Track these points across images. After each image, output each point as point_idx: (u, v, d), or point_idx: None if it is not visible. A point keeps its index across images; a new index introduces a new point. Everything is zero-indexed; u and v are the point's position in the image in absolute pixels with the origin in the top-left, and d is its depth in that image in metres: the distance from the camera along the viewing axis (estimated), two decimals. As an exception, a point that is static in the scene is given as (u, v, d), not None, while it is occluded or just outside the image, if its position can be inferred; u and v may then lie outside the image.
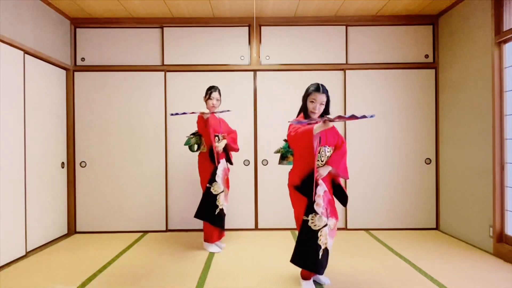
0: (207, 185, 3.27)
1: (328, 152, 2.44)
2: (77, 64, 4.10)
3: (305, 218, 2.34)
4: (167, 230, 4.11)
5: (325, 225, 2.33)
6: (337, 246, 3.33)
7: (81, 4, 3.70)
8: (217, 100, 3.35)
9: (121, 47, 4.13)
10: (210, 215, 3.24)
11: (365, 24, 4.14)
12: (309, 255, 2.31)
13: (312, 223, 2.32)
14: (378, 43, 4.14)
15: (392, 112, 4.14)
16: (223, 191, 3.31)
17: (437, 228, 4.11)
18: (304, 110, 2.49)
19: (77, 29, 4.11)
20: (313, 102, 2.41)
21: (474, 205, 3.48)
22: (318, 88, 2.41)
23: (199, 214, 3.27)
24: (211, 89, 3.34)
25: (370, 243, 3.59)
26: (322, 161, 2.42)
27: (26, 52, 3.29)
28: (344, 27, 4.13)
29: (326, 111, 2.48)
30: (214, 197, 3.26)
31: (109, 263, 3.03)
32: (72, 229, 4.04)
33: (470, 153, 3.54)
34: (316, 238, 2.31)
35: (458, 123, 3.73)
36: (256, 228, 4.15)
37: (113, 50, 4.13)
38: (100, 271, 2.85)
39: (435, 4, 3.81)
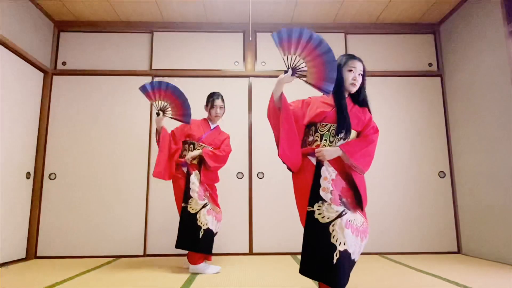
0: (183, 204, 2.72)
1: (342, 134, 1.93)
2: (57, 67, 3.79)
3: (309, 209, 1.80)
4: (145, 255, 3.50)
5: (339, 216, 1.75)
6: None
7: (68, 5, 3.51)
8: (221, 107, 2.93)
9: (107, 51, 3.86)
10: (193, 240, 2.64)
11: (364, 32, 3.99)
12: (321, 259, 1.71)
13: (319, 214, 1.77)
14: (379, 51, 3.95)
15: (399, 123, 3.82)
16: (204, 207, 2.72)
17: (459, 251, 3.57)
18: (338, 87, 1.99)
19: (61, 33, 3.87)
20: (352, 71, 1.99)
21: (499, 219, 3.02)
22: (353, 55, 2.04)
23: (180, 242, 2.67)
24: (213, 96, 2.93)
25: (385, 264, 3.02)
26: (330, 142, 1.95)
27: (1, 43, 2.99)
28: (343, 34, 3.96)
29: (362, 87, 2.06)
30: (194, 216, 2.68)
31: None
32: (32, 253, 3.39)
33: (489, 161, 3.16)
34: (327, 234, 1.72)
35: (472, 130, 3.41)
36: (251, 252, 3.55)
37: (97, 54, 3.85)
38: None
39: (435, 9, 3.69)
